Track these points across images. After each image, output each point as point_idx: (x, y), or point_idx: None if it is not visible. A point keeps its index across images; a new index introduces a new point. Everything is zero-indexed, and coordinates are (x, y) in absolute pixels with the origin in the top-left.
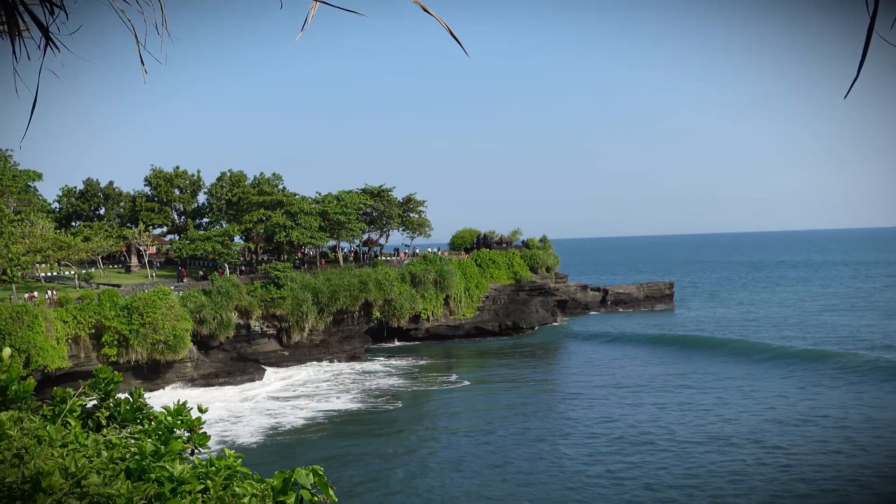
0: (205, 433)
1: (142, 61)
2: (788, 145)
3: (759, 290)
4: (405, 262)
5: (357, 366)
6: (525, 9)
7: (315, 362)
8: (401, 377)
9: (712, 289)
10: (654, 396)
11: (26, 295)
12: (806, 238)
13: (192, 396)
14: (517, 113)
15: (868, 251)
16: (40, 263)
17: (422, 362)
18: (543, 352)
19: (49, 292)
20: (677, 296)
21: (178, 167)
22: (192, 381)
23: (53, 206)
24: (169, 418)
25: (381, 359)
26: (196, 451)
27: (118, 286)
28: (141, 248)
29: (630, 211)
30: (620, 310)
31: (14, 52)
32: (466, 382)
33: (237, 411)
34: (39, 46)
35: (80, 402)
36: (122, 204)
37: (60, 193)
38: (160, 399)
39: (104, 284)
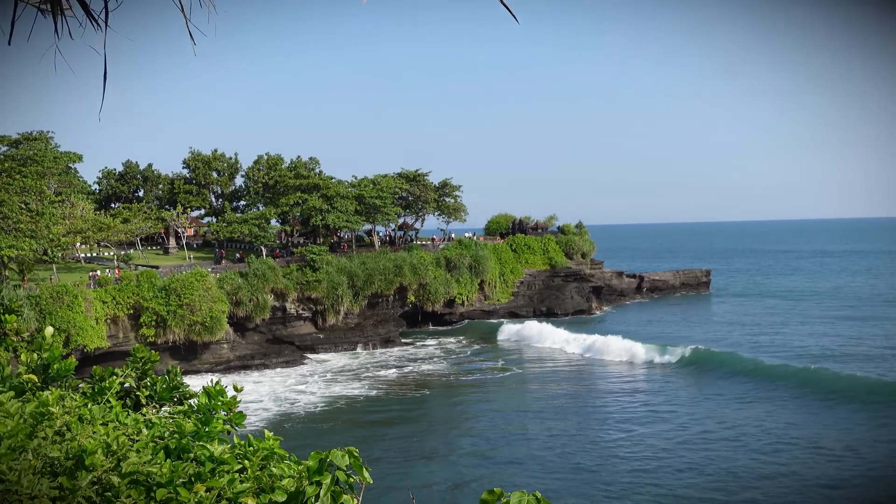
0: (241, 412)
1: (190, 35)
2: (788, 137)
3: (800, 279)
4: (440, 246)
5: (391, 349)
6: None
7: (349, 345)
8: (434, 361)
9: (749, 277)
10: (703, 397)
11: (90, 273)
12: (817, 227)
13: (226, 379)
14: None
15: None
16: (80, 244)
17: (456, 347)
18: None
19: (109, 271)
20: (714, 283)
21: (215, 150)
22: (228, 363)
23: (93, 188)
24: (208, 399)
25: (416, 342)
26: (233, 430)
27: (156, 267)
28: (179, 230)
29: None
30: (656, 296)
31: (56, 30)
32: (514, 370)
33: (269, 393)
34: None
35: (120, 383)
36: (160, 186)
37: (100, 175)
38: (198, 381)
39: (143, 266)
